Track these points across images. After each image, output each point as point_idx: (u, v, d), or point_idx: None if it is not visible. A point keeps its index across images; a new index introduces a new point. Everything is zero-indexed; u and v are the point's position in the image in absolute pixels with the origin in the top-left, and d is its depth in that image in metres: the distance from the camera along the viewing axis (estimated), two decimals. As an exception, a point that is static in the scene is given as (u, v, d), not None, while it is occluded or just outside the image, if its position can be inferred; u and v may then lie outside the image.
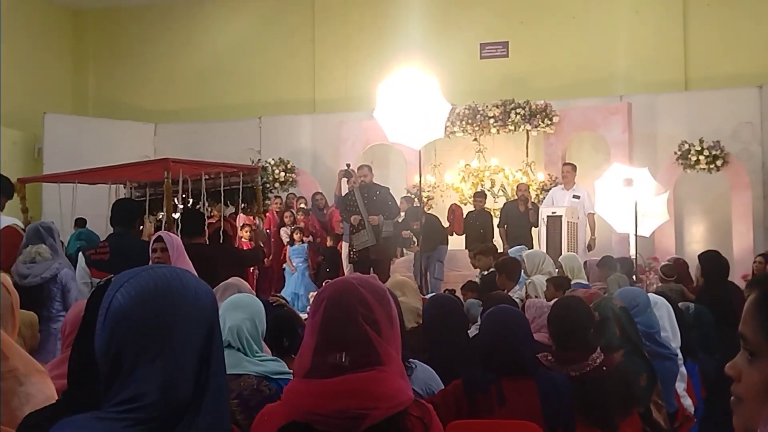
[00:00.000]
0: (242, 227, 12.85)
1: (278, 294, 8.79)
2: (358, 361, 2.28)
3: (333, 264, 13.64)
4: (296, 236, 13.66)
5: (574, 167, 13.01)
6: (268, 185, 15.11)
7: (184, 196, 8.80)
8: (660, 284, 8.35)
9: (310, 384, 2.31)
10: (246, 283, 5.03)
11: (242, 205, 9.31)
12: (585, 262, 9.30)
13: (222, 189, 8.81)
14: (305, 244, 13.71)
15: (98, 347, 1.76)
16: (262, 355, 3.57)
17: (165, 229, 7.28)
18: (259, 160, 15.81)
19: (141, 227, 7.32)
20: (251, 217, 11.92)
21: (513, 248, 9.94)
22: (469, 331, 4.91)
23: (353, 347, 2.29)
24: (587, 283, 7.70)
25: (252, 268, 11.54)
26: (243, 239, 12.31)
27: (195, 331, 1.75)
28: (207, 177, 8.67)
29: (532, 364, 3.62)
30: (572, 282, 7.49)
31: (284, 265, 13.84)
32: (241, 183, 8.82)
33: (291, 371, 3.62)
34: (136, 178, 9.23)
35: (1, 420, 2.60)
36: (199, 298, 1.79)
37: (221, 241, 8.88)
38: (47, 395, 2.72)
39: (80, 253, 6.70)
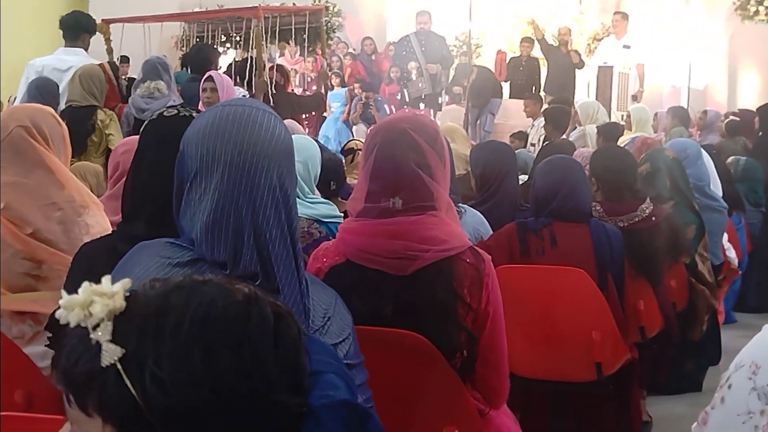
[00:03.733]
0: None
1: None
2: (411, 204, 2.28)
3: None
4: (335, 81, 13.44)
5: (626, 16, 12.55)
6: (333, 27, 14.89)
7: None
8: (721, 139, 8.22)
9: (364, 224, 2.32)
10: (299, 125, 5.02)
11: (306, 45, 9.27)
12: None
13: (293, 28, 8.77)
14: (344, 89, 13.52)
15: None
16: (313, 198, 3.54)
17: (257, 77, 7.37)
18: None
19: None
20: (314, 58, 11.86)
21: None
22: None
23: (406, 191, 2.28)
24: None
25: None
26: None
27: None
28: (272, 16, 8.56)
29: (586, 211, 3.60)
30: (635, 134, 7.36)
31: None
32: (306, 23, 8.72)
33: (342, 214, 3.65)
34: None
35: (63, 249, 2.66)
36: (266, 142, 1.64)
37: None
38: (104, 227, 2.76)
39: None
